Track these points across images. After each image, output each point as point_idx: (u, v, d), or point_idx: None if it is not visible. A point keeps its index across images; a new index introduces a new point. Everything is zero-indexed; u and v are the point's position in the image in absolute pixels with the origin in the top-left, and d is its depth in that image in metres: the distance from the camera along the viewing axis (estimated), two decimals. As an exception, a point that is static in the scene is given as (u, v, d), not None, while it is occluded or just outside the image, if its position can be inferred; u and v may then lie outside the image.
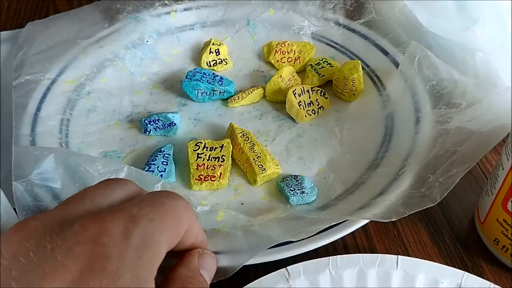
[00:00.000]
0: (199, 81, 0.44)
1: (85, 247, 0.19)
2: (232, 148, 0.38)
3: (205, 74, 0.45)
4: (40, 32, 0.50)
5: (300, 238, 0.30)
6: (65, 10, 0.56)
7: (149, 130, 0.42)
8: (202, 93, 0.44)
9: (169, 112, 0.42)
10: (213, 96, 0.44)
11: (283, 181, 0.36)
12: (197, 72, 0.45)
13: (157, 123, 0.41)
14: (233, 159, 0.39)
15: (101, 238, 0.19)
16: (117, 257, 0.19)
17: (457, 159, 0.34)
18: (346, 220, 0.32)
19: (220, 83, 0.44)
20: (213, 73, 0.45)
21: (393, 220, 0.31)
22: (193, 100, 0.45)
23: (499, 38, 0.37)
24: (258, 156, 0.37)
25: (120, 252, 0.19)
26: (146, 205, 0.22)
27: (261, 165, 0.37)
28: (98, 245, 0.19)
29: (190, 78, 0.44)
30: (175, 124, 0.41)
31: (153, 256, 0.20)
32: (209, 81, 0.44)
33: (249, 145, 0.38)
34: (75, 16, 0.53)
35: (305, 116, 0.42)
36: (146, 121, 0.41)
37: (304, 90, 0.43)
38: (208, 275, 0.26)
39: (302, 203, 0.35)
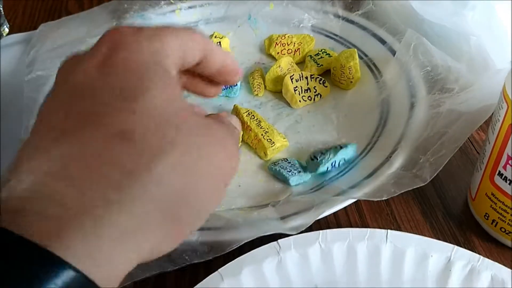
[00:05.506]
0: None
1: None
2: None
3: None
4: (52, 32, 0.52)
5: (297, 232, 0.31)
6: (77, 13, 0.58)
7: None
8: None
9: None
10: None
11: (276, 164, 0.38)
12: None
13: None
14: (241, 140, 0.41)
15: None
16: None
17: (446, 140, 0.35)
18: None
19: None
20: None
21: (383, 199, 0.32)
22: None
23: (487, 21, 0.38)
24: (266, 131, 0.39)
25: None
26: None
27: (269, 139, 0.39)
28: None
29: None
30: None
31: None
32: None
33: (256, 122, 0.40)
34: (85, 17, 0.55)
35: (299, 101, 0.43)
36: None
37: (302, 76, 0.44)
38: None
39: (300, 182, 0.37)
